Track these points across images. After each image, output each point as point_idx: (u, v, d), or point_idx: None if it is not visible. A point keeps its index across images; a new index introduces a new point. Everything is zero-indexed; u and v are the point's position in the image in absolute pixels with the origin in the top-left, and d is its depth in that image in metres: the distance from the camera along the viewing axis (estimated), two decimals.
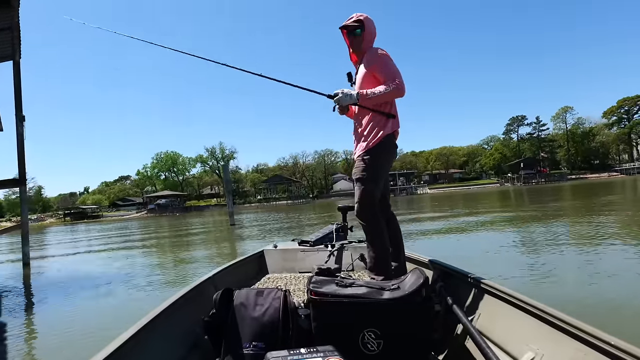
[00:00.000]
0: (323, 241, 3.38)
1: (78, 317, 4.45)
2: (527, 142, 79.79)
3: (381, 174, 2.29)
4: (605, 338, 1.13)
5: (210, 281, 2.22)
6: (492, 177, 78.89)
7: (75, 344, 3.44)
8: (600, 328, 1.17)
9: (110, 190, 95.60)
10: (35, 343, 3.81)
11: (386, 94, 2.13)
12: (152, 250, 11.43)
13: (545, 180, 63.16)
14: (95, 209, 75.47)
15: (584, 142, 73.54)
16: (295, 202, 66.08)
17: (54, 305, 5.16)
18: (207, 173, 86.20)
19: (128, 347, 1.31)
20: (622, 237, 6.69)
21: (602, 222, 8.70)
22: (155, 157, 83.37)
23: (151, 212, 67.00)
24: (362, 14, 2.37)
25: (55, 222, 64.64)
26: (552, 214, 11.85)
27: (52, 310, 4.97)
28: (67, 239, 20.13)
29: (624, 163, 69.32)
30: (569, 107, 74.71)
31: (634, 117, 69.88)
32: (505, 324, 1.57)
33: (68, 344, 3.49)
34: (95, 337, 3.49)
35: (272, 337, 1.54)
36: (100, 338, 3.24)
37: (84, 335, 3.65)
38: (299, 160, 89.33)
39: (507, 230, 9.18)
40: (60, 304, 5.17)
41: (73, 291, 5.89)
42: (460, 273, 2.01)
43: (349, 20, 2.37)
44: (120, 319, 3.88)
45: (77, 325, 4.07)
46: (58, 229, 35.56)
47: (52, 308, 5.06)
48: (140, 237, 16.86)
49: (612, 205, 13.65)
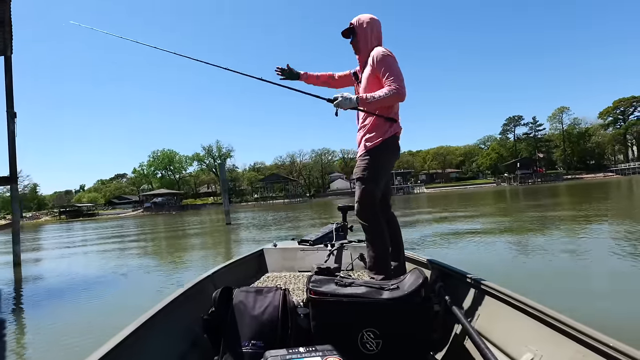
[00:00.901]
0: (323, 240, 3.38)
1: (64, 321, 4.32)
2: (524, 142, 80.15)
3: (382, 174, 2.28)
4: (604, 340, 1.13)
5: (209, 279, 2.21)
6: (489, 177, 79.16)
7: (60, 347, 3.38)
8: (600, 330, 1.17)
9: (106, 188, 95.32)
10: (22, 344, 3.73)
11: (386, 98, 2.12)
12: (143, 250, 11.17)
13: (542, 180, 63.46)
14: (91, 207, 75.23)
15: (580, 143, 73.95)
16: (292, 201, 66.09)
17: (42, 309, 4.95)
18: (204, 171, 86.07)
19: (127, 344, 1.31)
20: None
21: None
22: (152, 155, 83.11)
23: (147, 210, 66.78)
24: (360, 16, 2.38)
25: (50, 220, 64.32)
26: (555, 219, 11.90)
27: (39, 313, 4.77)
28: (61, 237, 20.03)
29: (620, 163, 69.81)
30: (565, 108, 75.24)
31: (630, 118, 70.46)
32: (505, 324, 1.57)
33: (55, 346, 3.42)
34: (82, 342, 3.39)
35: (271, 336, 1.54)
36: (85, 345, 3.20)
37: (69, 341, 3.53)
38: (296, 159, 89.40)
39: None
40: (49, 307, 4.98)
41: (63, 293, 5.69)
42: (459, 273, 2.01)
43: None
44: (104, 325, 3.75)
45: (64, 329, 3.95)
46: (53, 227, 35.30)
47: (41, 311, 4.85)
48: (134, 237, 16.58)
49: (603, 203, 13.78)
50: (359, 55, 2.43)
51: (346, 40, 2.47)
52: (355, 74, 2.47)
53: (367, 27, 2.35)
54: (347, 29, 2.41)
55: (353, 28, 2.38)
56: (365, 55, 2.36)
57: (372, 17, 2.38)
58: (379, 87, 2.20)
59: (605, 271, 4.70)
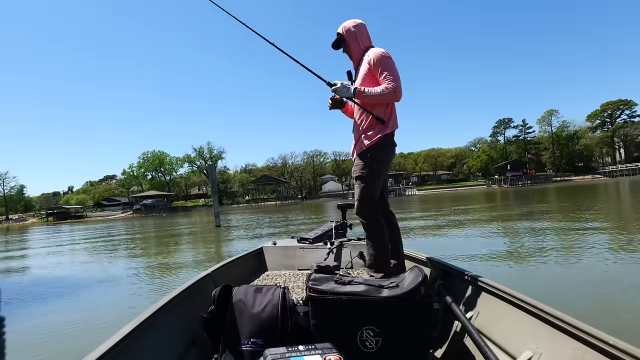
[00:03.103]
0: (322, 239, 3.38)
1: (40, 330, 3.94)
2: (514, 145, 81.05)
3: (381, 171, 2.29)
4: (603, 337, 1.13)
5: (209, 277, 2.20)
6: (480, 179, 79.83)
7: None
8: (599, 327, 1.18)
9: (95, 190, 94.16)
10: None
11: (382, 95, 2.15)
12: (127, 254, 10.56)
13: (531, 182, 64.10)
14: (79, 208, 74.29)
15: (569, 145, 74.89)
16: (284, 202, 65.92)
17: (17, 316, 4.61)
18: (195, 173, 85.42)
19: (128, 342, 1.30)
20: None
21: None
22: (142, 156, 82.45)
23: (137, 212, 66.19)
24: (344, 24, 2.40)
25: (37, 222, 63.39)
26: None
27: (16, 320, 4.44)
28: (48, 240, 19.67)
29: (607, 166, 70.89)
30: (554, 110, 76.16)
31: (617, 121, 71.59)
32: (504, 322, 1.58)
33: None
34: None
35: (270, 333, 1.54)
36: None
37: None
38: (288, 160, 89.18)
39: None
40: (25, 313, 4.63)
41: (39, 300, 5.29)
42: (459, 271, 2.02)
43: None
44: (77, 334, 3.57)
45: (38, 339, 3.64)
46: (39, 230, 34.69)
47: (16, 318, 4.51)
48: (120, 239, 16.22)
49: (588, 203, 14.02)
50: (354, 60, 2.45)
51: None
52: (349, 73, 2.47)
53: (355, 31, 2.38)
54: (336, 40, 2.43)
55: (341, 37, 2.40)
56: (359, 55, 2.38)
57: (356, 21, 2.41)
58: (374, 85, 2.22)
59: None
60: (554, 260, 5.21)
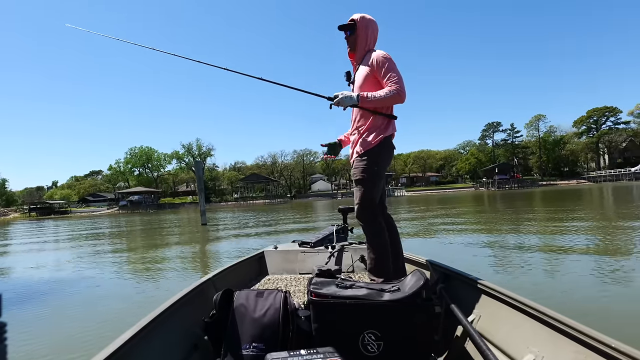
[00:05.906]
0: (323, 242, 3.38)
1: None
2: (502, 148, 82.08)
3: (381, 174, 2.29)
4: (605, 341, 1.14)
5: (210, 282, 2.18)
6: (468, 181, 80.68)
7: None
8: (600, 330, 1.18)
9: (80, 185, 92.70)
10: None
11: (386, 98, 2.14)
12: (102, 255, 9.42)
13: (518, 185, 65.04)
14: (64, 204, 73.03)
15: (555, 150, 76.19)
16: (273, 201, 65.75)
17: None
18: (183, 170, 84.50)
19: (129, 347, 1.29)
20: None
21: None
22: (129, 152, 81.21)
23: (123, 208, 65.28)
24: (362, 14, 2.36)
25: (19, 217, 62.03)
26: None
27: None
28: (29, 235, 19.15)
29: (592, 171, 72.29)
30: (542, 115, 77.45)
31: (602, 127, 73.02)
32: (506, 326, 1.58)
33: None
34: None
35: (272, 338, 1.53)
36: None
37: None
38: (278, 159, 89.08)
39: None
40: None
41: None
42: (460, 274, 2.02)
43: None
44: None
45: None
46: (21, 225, 33.79)
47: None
48: (99, 237, 15.41)
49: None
50: (353, 52, 2.42)
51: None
52: (348, 74, 2.46)
53: (369, 26, 2.35)
54: (347, 25, 2.37)
55: (354, 24, 2.35)
56: (360, 53, 2.36)
57: (373, 19, 2.38)
58: (377, 88, 2.22)
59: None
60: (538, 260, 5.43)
